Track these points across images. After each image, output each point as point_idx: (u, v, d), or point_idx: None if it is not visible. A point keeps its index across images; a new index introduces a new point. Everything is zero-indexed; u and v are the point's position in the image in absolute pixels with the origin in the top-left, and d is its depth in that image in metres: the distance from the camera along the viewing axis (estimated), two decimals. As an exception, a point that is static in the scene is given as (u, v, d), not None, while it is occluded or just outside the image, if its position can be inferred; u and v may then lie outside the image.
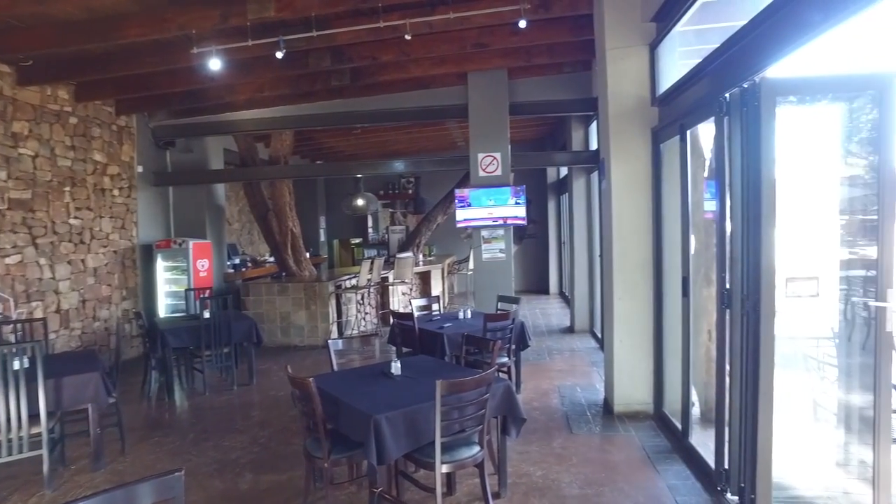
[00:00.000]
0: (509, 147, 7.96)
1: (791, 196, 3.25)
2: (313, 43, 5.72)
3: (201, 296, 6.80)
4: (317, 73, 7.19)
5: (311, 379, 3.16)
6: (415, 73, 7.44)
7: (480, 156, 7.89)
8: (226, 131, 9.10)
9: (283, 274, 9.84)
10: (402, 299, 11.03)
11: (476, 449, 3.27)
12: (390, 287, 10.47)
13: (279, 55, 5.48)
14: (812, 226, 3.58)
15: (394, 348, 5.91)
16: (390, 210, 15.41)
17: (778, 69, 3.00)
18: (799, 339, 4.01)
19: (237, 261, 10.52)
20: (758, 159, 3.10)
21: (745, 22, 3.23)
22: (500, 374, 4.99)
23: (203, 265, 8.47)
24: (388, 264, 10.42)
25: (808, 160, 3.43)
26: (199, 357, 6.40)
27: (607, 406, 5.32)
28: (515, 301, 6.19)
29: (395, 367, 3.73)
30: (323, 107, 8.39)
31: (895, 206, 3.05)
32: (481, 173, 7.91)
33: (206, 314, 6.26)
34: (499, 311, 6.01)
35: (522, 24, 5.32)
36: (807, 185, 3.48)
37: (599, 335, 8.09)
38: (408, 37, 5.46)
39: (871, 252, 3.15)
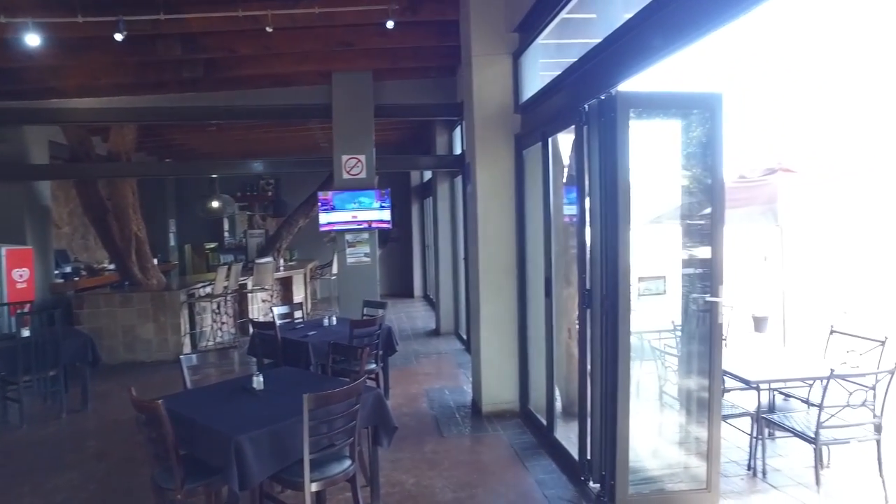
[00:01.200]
0: (374, 150, 7.84)
1: (641, 201, 3.50)
2: (161, 27, 5.17)
3: (18, 311, 5.82)
4: (166, 61, 6.52)
5: (159, 401, 2.80)
6: (277, 70, 7.06)
7: (344, 158, 7.68)
8: (51, 120, 7.91)
9: (127, 283, 8.80)
10: (263, 307, 10.43)
11: (347, 463, 3.11)
12: (249, 294, 9.84)
13: (119, 37, 4.86)
14: (659, 229, 3.91)
15: (255, 360, 5.52)
16: (248, 213, 14.52)
17: (633, 83, 3.23)
18: (648, 333, 4.36)
19: (68, 269, 9.19)
20: (614, 166, 3.31)
21: (600, 40, 3.46)
22: (368, 381, 4.86)
23: (21, 275, 7.30)
24: (247, 270, 9.80)
25: (656, 169, 3.74)
26: (15, 384, 5.40)
27: (476, 407, 5.41)
28: (382, 306, 6.09)
29: (257, 382, 3.44)
30: (173, 100, 7.62)
31: (724, 213, 3.44)
32: (345, 176, 7.71)
33: (25, 332, 5.34)
34: (365, 317, 5.87)
35: (390, 24, 5.25)
36: (654, 192, 3.79)
37: (465, 337, 8.25)
38: (269, 29, 5.14)
39: (706, 253, 3.51)
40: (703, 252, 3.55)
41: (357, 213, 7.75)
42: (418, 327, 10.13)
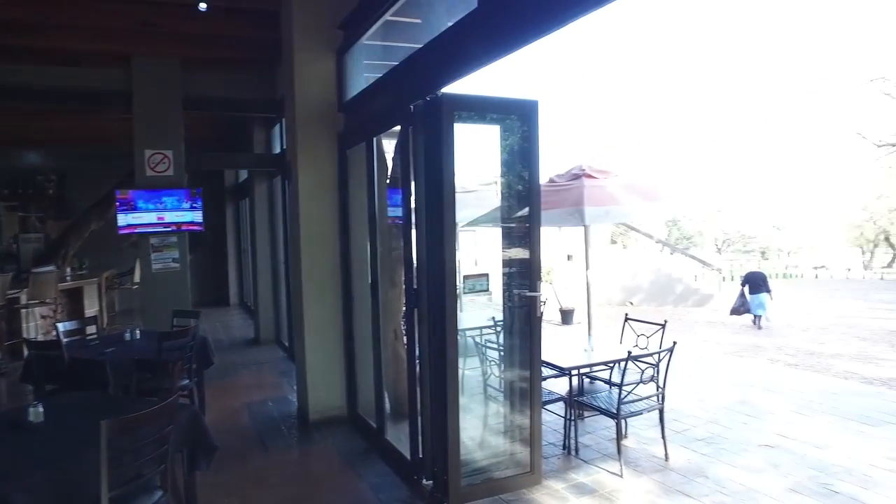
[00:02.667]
0: (183, 145, 7.15)
1: (465, 202, 3.62)
2: None
3: None
4: None
5: None
6: (60, 44, 6.06)
7: (148, 153, 6.89)
8: None
9: None
10: (44, 324, 8.88)
11: (157, 494, 2.74)
12: (24, 310, 8.31)
13: None
14: (482, 229, 4.09)
15: (31, 388, 4.65)
16: (21, 214, 12.26)
17: (460, 86, 3.34)
18: (472, 330, 4.55)
19: None
20: (440, 165, 3.37)
21: (425, 44, 3.52)
22: (182, 398, 4.37)
23: None
24: (20, 281, 8.27)
25: (479, 171, 3.91)
26: None
27: (302, 416, 5.17)
28: (194, 315, 5.55)
29: (35, 413, 2.87)
30: None
31: (541, 214, 3.71)
32: (149, 173, 6.91)
33: None
34: (175, 328, 5.29)
35: (202, 6, 4.82)
36: (477, 193, 3.96)
37: (288, 344, 7.89)
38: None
39: (525, 252, 3.75)
40: (523, 251, 3.79)
41: (164, 215, 6.99)
42: (236, 337, 9.46)
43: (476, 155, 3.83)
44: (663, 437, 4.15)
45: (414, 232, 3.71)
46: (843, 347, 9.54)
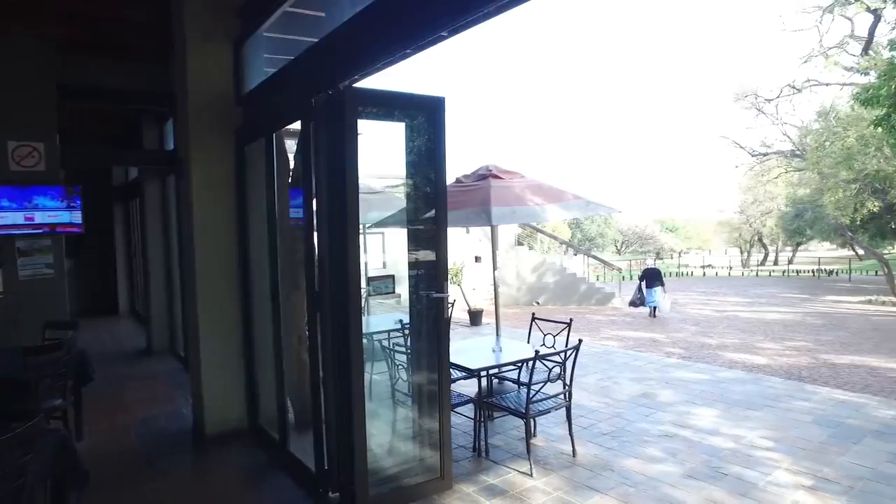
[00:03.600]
0: (58, 137, 6.45)
1: (372, 203, 3.49)
2: None
3: None
4: None
5: None
6: None
7: (12, 144, 6.14)
8: None
9: None
10: None
11: (15, 534, 2.38)
12: None
13: None
14: (388, 230, 3.96)
15: None
16: None
17: (366, 84, 3.19)
18: (380, 332, 4.40)
19: None
20: (342, 163, 3.21)
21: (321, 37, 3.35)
22: (52, 421, 3.91)
23: None
24: None
25: (384, 170, 3.78)
26: None
27: (198, 431, 4.79)
28: (71, 326, 5.01)
29: None
30: None
31: (447, 214, 3.64)
32: (14, 167, 6.17)
33: None
34: (46, 342, 4.74)
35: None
36: (383, 193, 3.83)
37: (183, 354, 7.35)
38: None
39: (432, 252, 3.67)
40: (429, 252, 3.70)
41: (34, 215, 6.27)
42: (126, 348, 8.71)
43: (382, 154, 3.70)
44: (571, 433, 4.22)
45: (316, 233, 3.52)
46: (727, 339, 10.31)
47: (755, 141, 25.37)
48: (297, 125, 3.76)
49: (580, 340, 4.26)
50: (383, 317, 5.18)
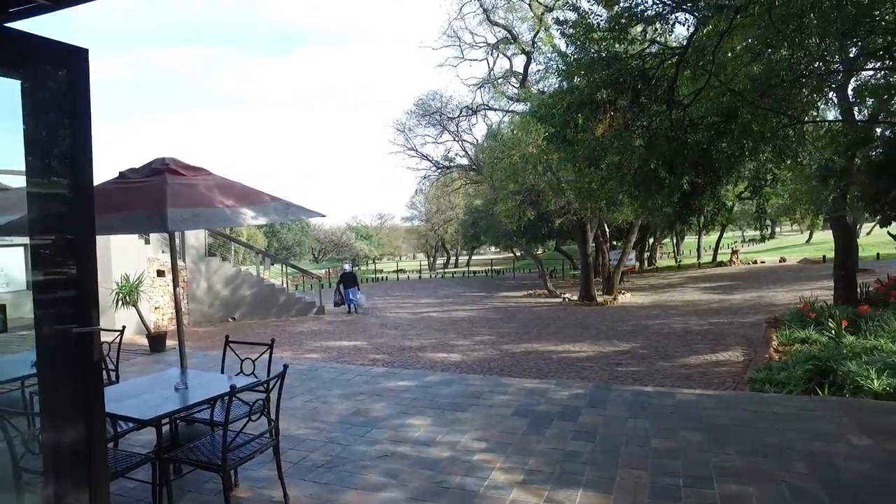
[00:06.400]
0: None
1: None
2: None
3: None
4: None
5: None
6: None
7: None
8: None
9: None
10: None
11: None
12: None
13: None
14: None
15: None
16: None
17: None
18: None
19: None
20: None
21: None
22: None
23: None
24: None
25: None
26: None
27: None
28: None
29: None
30: None
31: (96, 219, 2.64)
32: None
33: None
34: None
35: None
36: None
37: None
38: None
39: (73, 271, 2.61)
40: (70, 269, 2.63)
41: None
42: None
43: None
44: (280, 475, 3.55)
45: None
46: (425, 340, 10.86)
47: (440, 155, 28.19)
48: None
49: (286, 366, 3.63)
50: (8, 361, 3.71)
